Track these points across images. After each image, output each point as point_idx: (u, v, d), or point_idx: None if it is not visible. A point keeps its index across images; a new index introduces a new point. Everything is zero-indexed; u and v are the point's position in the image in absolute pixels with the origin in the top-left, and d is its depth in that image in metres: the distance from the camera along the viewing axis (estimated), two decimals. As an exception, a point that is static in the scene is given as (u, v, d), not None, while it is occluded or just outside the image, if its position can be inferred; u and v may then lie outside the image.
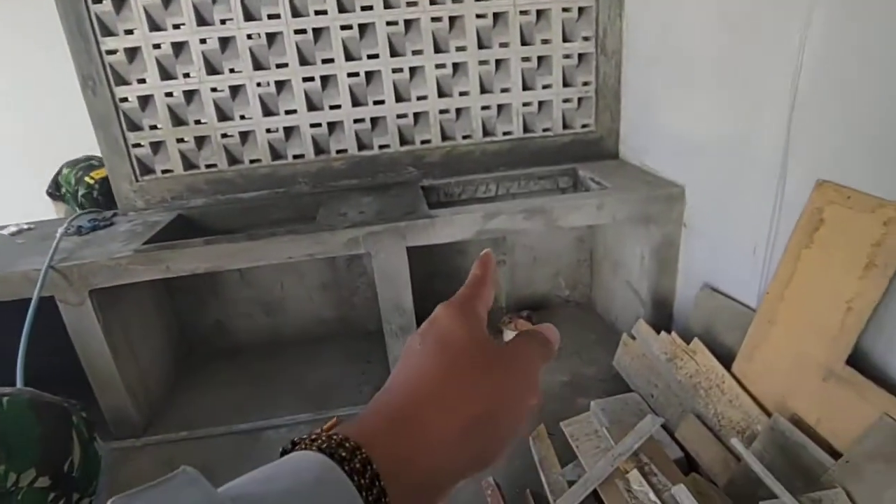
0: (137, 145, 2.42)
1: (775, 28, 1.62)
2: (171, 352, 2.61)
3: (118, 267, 1.99)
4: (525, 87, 2.58)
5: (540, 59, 2.55)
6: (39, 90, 3.50)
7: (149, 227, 2.28)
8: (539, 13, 2.49)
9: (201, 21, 2.30)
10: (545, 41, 2.53)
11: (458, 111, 2.57)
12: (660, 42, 2.25)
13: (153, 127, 2.40)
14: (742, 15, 1.76)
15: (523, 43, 2.51)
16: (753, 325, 1.72)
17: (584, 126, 2.68)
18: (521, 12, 2.47)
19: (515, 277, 2.89)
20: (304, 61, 2.39)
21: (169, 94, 2.37)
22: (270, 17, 2.31)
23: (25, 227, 2.50)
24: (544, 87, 2.59)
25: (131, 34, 2.29)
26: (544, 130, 2.66)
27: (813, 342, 1.51)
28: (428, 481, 0.32)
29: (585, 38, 2.55)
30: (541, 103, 2.62)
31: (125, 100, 2.37)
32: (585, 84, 2.62)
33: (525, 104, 2.60)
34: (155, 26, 2.29)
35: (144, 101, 2.38)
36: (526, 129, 2.64)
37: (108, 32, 2.29)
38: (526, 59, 2.54)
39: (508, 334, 2.64)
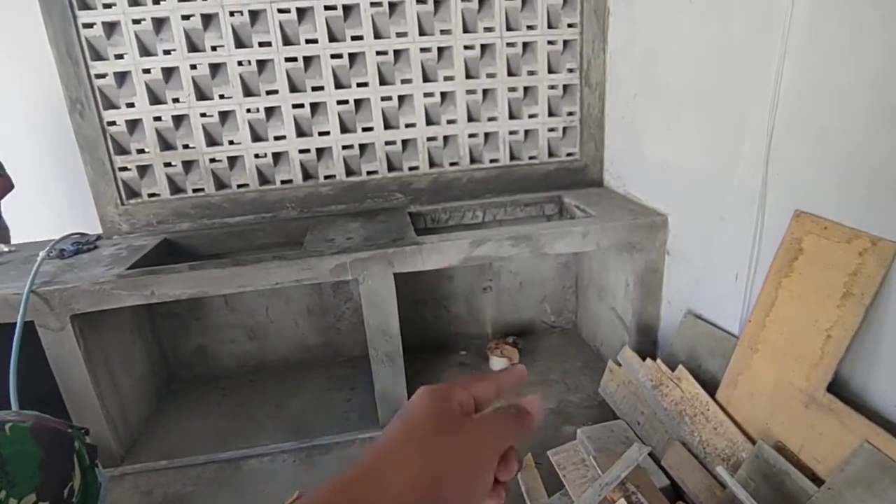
0: (124, 169, 2.42)
1: (752, 62, 1.69)
2: (153, 378, 2.56)
3: (101, 292, 1.96)
4: (511, 116, 2.63)
5: (526, 89, 2.61)
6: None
7: (133, 251, 2.26)
8: (525, 45, 2.55)
9: (192, 47, 2.32)
10: (531, 72, 2.59)
11: (446, 138, 2.61)
12: (643, 74, 2.32)
13: (140, 151, 2.40)
14: (721, 48, 1.83)
15: (510, 73, 2.57)
16: (736, 353, 1.74)
17: (569, 154, 2.74)
18: (508, 44, 2.53)
19: (501, 303, 2.90)
20: (294, 88, 2.41)
21: (158, 119, 2.37)
22: (261, 44, 2.34)
23: (6, 249, 2.47)
24: (530, 116, 2.65)
25: (122, 59, 2.30)
26: (530, 158, 2.70)
27: (794, 369, 1.53)
28: None
29: (570, 70, 2.62)
30: (527, 132, 2.67)
31: (113, 123, 2.37)
32: (570, 114, 2.68)
33: (511, 132, 2.65)
34: (146, 51, 2.31)
35: (132, 124, 2.38)
36: (512, 157, 2.69)
37: (98, 57, 2.30)
38: (512, 90, 2.60)
39: (494, 360, 2.64)
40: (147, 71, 2.32)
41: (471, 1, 2.44)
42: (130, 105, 2.35)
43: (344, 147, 2.52)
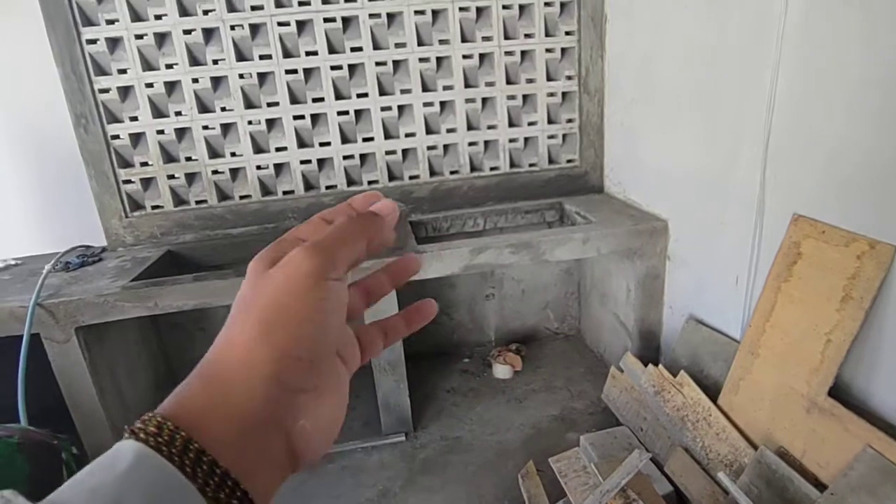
0: (128, 181, 2.45)
1: (748, 66, 1.70)
2: (158, 389, 2.57)
3: (105, 304, 1.98)
4: (511, 124, 2.65)
5: (525, 97, 2.63)
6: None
7: (137, 263, 2.28)
8: (523, 54, 2.57)
9: (194, 61, 2.35)
10: (530, 80, 2.60)
11: (446, 147, 2.63)
12: (641, 80, 2.33)
13: (144, 164, 2.43)
14: (717, 52, 1.84)
15: (508, 82, 2.59)
16: (737, 357, 1.74)
17: (569, 161, 2.75)
18: (506, 53, 2.55)
19: (504, 310, 2.91)
20: (294, 100, 2.44)
21: (160, 132, 2.40)
22: (262, 57, 2.37)
23: (12, 262, 2.49)
24: (530, 123, 2.66)
25: (125, 73, 2.34)
26: (530, 165, 2.71)
27: (795, 374, 1.53)
28: (252, 414, 0.30)
29: (569, 77, 2.63)
30: (526, 139, 2.68)
31: (117, 137, 2.40)
32: (569, 121, 2.69)
33: (511, 140, 2.66)
34: (148, 66, 2.34)
35: (136, 138, 2.41)
36: (512, 165, 2.70)
37: (102, 72, 2.33)
38: (511, 98, 2.61)
39: (498, 368, 2.64)
40: (150, 85, 2.36)
41: (469, 11, 2.47)
42: (134, 119, 2.38)
43: (345, 157, 2.54)
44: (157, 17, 2.30)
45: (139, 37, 2.30)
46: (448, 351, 2.88)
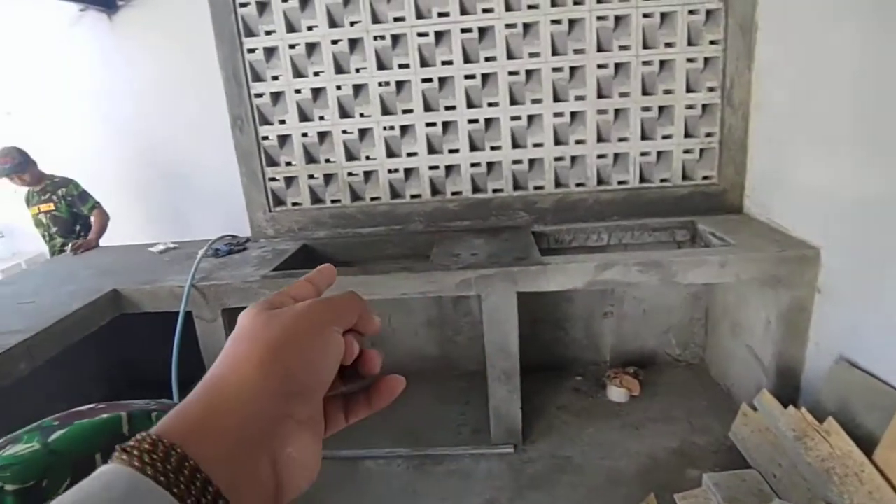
0: (273, 179, 2.66)
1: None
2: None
3: (249, 290, 2.16)
4: (644, 137, 2.54)
5: (661, 108, 2.52)
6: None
7: (277, 254, 2.47)
8: (662, 63, 2.46)
9: (339, 69, 2.51)
10: (667, 91, 2.49)
11: (574, 158, 2.58)
12: (797, 92, 2.13)
13: (288, 163, 2.63)
14: (888, 59, 1.63)
15: (644, 93, 2.49)
16: (904, 410, 1.53)
17: (705, 178, 2.58)
18: (644, 62, 2.45)
19: (622, 330, 2.79)
20: (428, 107, 2.52)
21: (304, 134, 2.59)
22: (401, 66, 2.47)
23: (171, 245, 2.80)
24: (664, 137, 2.54)
25: (277, 80, 2.55)
26: (662, 181, 2.59)
27: (983, 438, 1.32)
28: (248, 430, 0.31)
29: (711, 89, 2.48)
30: (660, 153, 2.56)
31: (266, 138, 2.62)
32: (709, 135, 2.53)
33: (643, 153, 2.56)
34: (298, 73, 2.53)
35: (283, 139, 2.62)
36: (642, 179, 2.59)
37: (258, 78, 2.56)
38: (646, 109, 2.51)
39: (613, 390, 2.54)
40: (298, 91, 2.55)
41: (606, 20, 2.41)
42: (282, 122, 2.59)
43: (472, 165, 2.58)
44: (309, 28, 2.48)
45: (292, 46, 2.50)
46: (560, 366, 2.81)
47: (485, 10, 2.40)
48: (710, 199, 2.58)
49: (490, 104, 2.51)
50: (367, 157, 2.60)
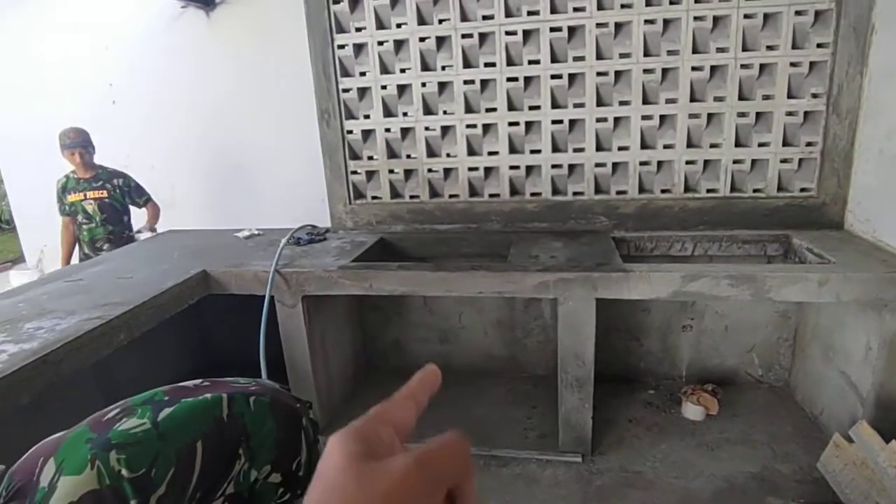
0: (355, 172, 2.72)
1: None
2: (354, 362, 2.82)
3: (329, 279, 2.22)
4: (738, 144, 2.42)
5: (758, 115, 2.38)
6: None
7: (356, 246, 2.52)
8: (762, 67, 2.33)
9: (425, 66, 2.53)
10: (766, 97, 2.35)
11: (660, 164, 2.49)
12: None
13: (370, 157, 2.68)
14: None
15: (741, 98, 2.37)
16: None
17: (802, 190, 2.43)
18: (743, 66, 2.33)
19: (701, 345, 2.67)
20: (511, 107, 2.50)
21: (387, 130, 2.63)
22: (487, 64, 2.46)
23: (256, 232, 2.92)
24: (760, 144, 2.40)
25: (364, 76, 2.60)
26: (755, 191, 2.45)
27: None
28: None
29: (815, 95, 2.33)
30: (754, 161, 2.43)
31: (350, 132, 2.68)
32: (810, 144, 2.38)
33: (736, 161, 2.43)
34: (385, 69, 2.58)
35: (366, 134, 2.67)
36: (733, 188, 2.46)
37: (346, 73, 2.62)
38: (742, 115, 2.38)
39: (689, 407, 2.43)
40: (384, 87, 2.59)
41: (704, 20, 2.30)
42: (367, 117, 2.64)
43: (553, 166, 2.54)
44: (398, 26, 2.51)
45: (380, 43, 2.54)
46: (633, 378, 2.72)
47: (576, 9, 2.35)
48: (807, 213, 2.42)
49: (576, 105, 2.45)
50: (448, 155, 2.61)
